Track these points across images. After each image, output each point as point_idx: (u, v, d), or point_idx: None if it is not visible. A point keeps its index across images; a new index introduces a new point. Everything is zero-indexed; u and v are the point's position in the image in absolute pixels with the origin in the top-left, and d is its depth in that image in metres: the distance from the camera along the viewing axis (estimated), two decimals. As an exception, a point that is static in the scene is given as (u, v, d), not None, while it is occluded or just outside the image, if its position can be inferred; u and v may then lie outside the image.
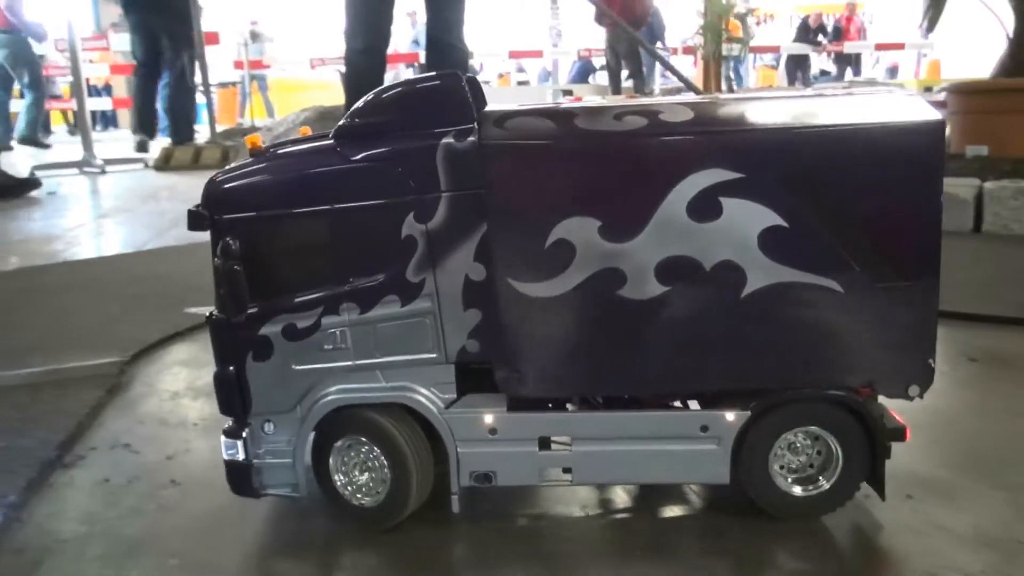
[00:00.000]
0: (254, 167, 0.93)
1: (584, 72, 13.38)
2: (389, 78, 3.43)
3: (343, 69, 3.28)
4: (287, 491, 0.95)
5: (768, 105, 0.88)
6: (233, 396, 0.93)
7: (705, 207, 0.83)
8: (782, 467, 0.91)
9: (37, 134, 6.80)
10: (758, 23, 10.57)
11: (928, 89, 11.01)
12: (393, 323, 0.90)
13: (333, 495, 0.94)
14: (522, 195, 0.86)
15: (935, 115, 0.82)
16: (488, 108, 0.88)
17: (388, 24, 3.26)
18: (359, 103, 0.90)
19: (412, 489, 0.92)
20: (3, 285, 2.22)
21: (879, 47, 12.54)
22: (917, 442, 0.97)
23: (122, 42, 10.11)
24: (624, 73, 10.10)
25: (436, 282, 0.89)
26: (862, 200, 0.83)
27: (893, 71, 14.66)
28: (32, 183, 4.43)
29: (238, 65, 10.00)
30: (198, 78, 5.58)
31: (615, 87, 10.00)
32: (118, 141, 8.90)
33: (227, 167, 0.96)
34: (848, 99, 0.88)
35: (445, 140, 0.85)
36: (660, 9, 10.13)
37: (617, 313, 0.86)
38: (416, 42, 11.96)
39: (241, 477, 0.95)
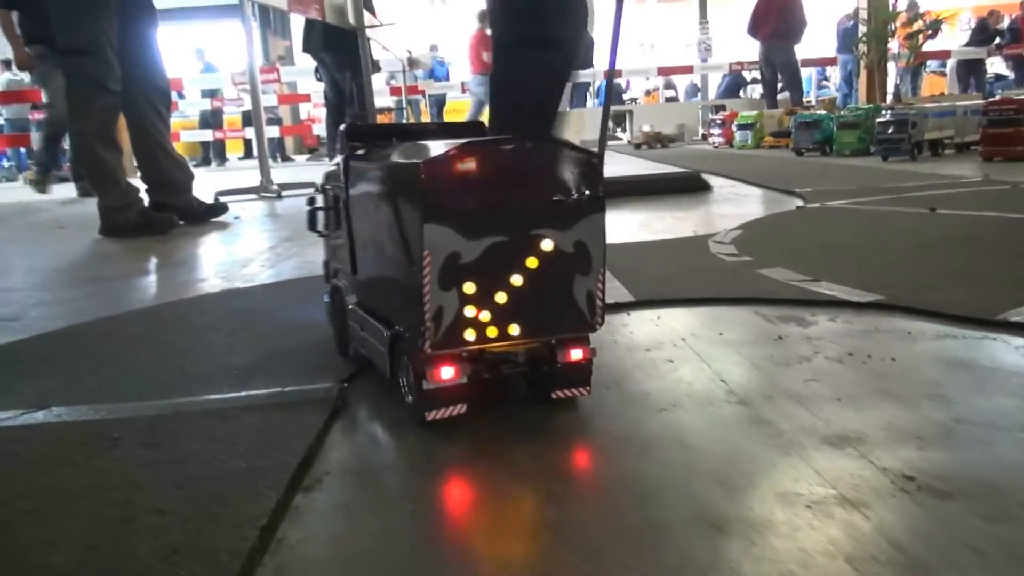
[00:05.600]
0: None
1: (734, 86, 13.05)
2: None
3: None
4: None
5: (427, 145, 1.32)
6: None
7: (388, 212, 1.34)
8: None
9: None
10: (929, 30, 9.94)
11: (1125, 92, 10.00)
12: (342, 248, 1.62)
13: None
14: (357, 193, 1.47)
15: (424, 158, 1.16)
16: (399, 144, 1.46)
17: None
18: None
19: None
20: (216, 306, 2.36)
21: (1066, 48, 11.49)
22: None
23: (289, 74, 10.76)
24: (779, 85, 9.76)
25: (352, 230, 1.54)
26: (399, 217, 1.26)
27: (1081, 73, 13.42)
28: (220, 208, 4.73)
29: (395, 91, 10.47)
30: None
31: (771, 100, 9.67)
32: (286, 167, 9.42)
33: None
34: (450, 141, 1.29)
35: (346, 158, 1.49)
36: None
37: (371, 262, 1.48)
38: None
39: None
